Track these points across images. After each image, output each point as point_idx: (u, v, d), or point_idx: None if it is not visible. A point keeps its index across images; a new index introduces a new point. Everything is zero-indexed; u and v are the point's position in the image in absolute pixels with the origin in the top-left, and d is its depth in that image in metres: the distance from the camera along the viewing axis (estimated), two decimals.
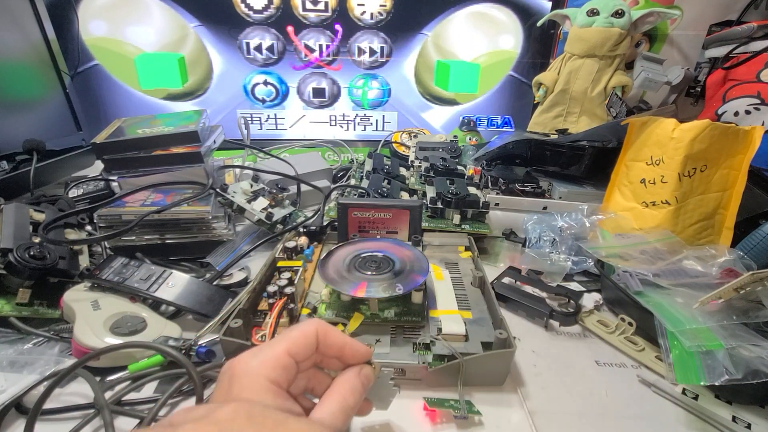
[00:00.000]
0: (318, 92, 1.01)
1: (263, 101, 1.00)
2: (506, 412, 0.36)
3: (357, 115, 1.04)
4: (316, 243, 0.56)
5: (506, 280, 0.52)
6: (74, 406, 0.34)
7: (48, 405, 0.33)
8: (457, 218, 0.60)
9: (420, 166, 0.76)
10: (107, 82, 0.93)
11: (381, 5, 0.93)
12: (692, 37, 0.91)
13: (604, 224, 0.58)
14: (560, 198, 0.70)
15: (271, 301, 0.42)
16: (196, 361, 0.38)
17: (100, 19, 0.88)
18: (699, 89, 0.90)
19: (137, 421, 0.33)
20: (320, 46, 0.95)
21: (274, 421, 0.20)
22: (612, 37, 0.82)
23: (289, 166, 0.76)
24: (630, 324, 0.45)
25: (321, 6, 0.91)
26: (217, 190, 0.58)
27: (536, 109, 0.96)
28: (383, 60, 0.99)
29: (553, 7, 0.93)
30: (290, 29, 0.91)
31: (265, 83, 0.99)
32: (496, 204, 0.68)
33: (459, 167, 0.74)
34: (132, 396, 0.36)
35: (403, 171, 0.78)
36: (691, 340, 0.37)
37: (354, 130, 1.05)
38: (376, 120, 1.05)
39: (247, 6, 0.90)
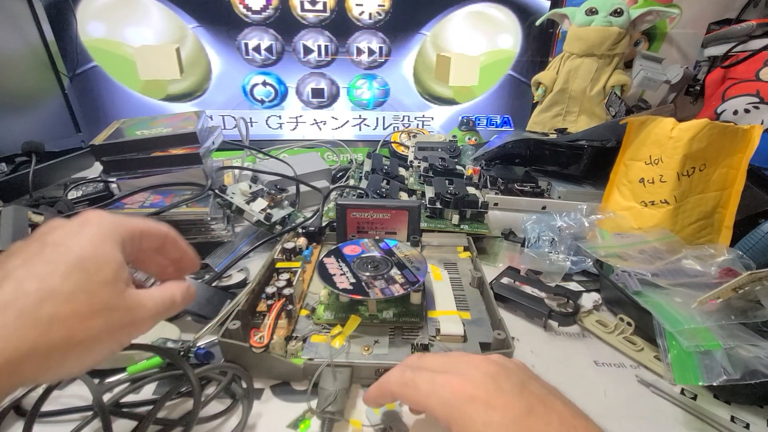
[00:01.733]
0: (317, 92, 1.01)
1: (262, 102, 1.00)
2: None
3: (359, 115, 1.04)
4: (314, 244, 0.56)
5: (505, 280, 0.52)
6: (73, 408, 0.34)
7: (46, 407, 0.33)
8: (456, 218, 0.60)
9: (419, 166, 0.76)
10: (106, 84, 0.93)
11: (379, 5, 0.93)
12: (691, 36, 0.91)
13: (603, 224, 0.58)
14: (559, 198, 0.70)
15: (269, 302, 0.42)
16: (195, 363, 0.38)
17: (99, 20, 0.88)
18: (698, 88, 0.90)
19: (136, 423, 0.33)
20: (318, 46, 0.96)
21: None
22: (611, 36, 0.82)
23: (288, 167, 0.75)
24: (629, 324, 0.45)
25: (320, 6, 0.91)
26: (216, 191, 0.57)
27: (535, 108, 0.95)
28: (382, 60, 0.99)
29: (552, 6, 0.93)
30: None
31: (264, 84, 0.99)
32: (495, 204, 0.67)
33: (458, 167, 0.74)
34: (131, 398, 0.36)
35: (402, 171, 0.78)
36: (690, 340, 0.37)
37: (360, 130, 1.06)
38: (377, 118, 1.05)
39: (246, 7, 0.90)
